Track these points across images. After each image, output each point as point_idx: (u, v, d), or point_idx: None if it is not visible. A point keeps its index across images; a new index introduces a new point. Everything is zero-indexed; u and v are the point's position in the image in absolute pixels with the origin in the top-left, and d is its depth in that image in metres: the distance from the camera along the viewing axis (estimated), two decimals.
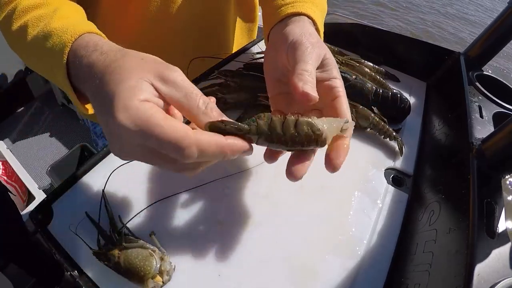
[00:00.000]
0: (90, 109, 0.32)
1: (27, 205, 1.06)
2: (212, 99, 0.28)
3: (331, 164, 0.28)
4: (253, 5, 0.64)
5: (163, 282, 0.30)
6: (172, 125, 0.22)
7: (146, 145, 0.23)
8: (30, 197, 1.07)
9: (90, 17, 0.36)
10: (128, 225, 0.34)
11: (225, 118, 0.25)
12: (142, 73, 0.24)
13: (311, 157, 0.29)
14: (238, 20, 0.65)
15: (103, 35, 0.31)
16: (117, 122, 0.22)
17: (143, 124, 0.22)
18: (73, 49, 0.28)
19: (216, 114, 0.25)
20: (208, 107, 0.25)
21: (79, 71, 0.28)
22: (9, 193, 0.39)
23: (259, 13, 0.68)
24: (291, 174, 0.28)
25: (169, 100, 0.24)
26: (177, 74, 0.25)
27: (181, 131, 0.22)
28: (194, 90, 0.25)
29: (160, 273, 0.30)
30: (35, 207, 0.35)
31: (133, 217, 0.35)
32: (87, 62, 0.26)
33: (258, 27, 0.69)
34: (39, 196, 1.01)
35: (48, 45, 0.30)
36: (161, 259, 0.31)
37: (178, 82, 0.24)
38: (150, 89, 0.24)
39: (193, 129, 0.24)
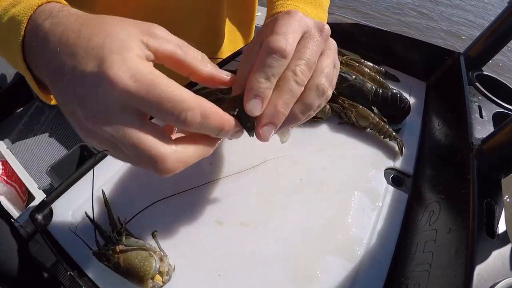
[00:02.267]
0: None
1: (27, 205, 1.06)
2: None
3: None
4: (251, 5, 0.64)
5: (163, 282, 0.30)
6: (177, 85, 0.20)
7: (136, 108, 0.20)
8: (30, 197, 1.07)
9: (88, 7, 0.35)
10: (128, 225, 0.34)
11: (219, 69, 0.25)
12: (128, 27, 0.22)
13: None
14: (235, 22, 0.65)
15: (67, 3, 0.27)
16: (112, 79, 0.19)
17: (145, 79, 0.19)
18: (33, 18, 0.24)
19: (211, 65, 0.24)
20: (205, 58, 0.23)
21: (43, 42, 0.22)
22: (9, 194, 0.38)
23: (258, 13, 0.68)
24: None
25: (161, 54, 0.22)
26: (162, 29, 0.23)
27: (186, 91, 0.20)
28: (184, 42, 0.23)
29: (160, 273, 0.30)
30: (35, 207, 0.35)
31: (133, 217, 0.35)
32: (53, 24, 0.22)
33: (256, 26, 0.70)
34: (39, 196, 1.01)
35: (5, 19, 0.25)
36: (161, 259, 0.31)
37: (166, 36, 0.23)
38: (140, 44, 0.21)
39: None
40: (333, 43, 0.29)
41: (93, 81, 0.20)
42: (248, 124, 0.25)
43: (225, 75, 0.25)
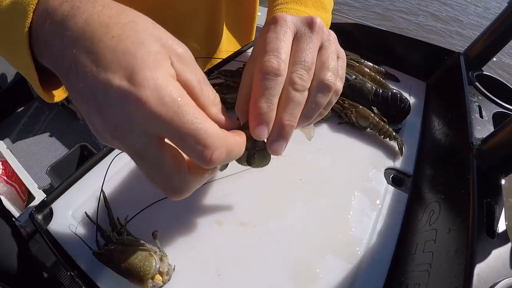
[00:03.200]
0: (57, 95, 0.27)
1: (27, 205, 1.06)
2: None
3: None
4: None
5: (163, 282, 0.30)
6: (202, 117, 0.19)
7: (157, 132, 0.19)
8: (30, 197, 1.07)
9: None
10: (128, 225, 0.34)
11: (226, 116, 0.24)
12: (162, 38, 0.20)
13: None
14: (235, 21, 0.65)
15: None
16: (138, 97, 0.17)
17: (173, 105, 0.18)
18: (42, 2, 0.21)
19: (222, 109, 0.23)
20: (217, 99, 0.22)
21: (61, 26, 0.20)
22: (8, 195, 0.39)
23: (259, 13, 0.68)
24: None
25: (181, 80, 0.20)
26: (189, 53, 0.21)
27: (210, 124, 0.19)
28: (205, 77, 0.22)
29: (160, 273, 0.30)
30: (35, 207, 0.35)
31: (133, 217, 0.35)
32: (74, 8, 0.20)
33: (257, 27, 0.69)
34: (39, 196, 1.01)
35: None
36: (161, 259, 0.31)
37: (191, 63, 0.21)
38: (169, 62, 0.20)
39: None
40: (331, 34, 0.28)
41: (118, 94, 0.18)
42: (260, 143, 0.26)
43: (230, 124, 0.23)
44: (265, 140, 0.25)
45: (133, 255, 0.30)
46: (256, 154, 0.27)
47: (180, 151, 0.20)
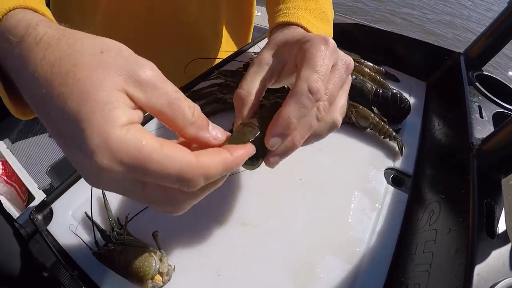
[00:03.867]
0: (29, 113, 0.25)
1: (27, 205, 1.06)
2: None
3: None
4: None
5: (163, 282, 0.30)
6: (170, 156, 0.18)
7: (138, 178, 0.18)
8: (30, 197, 1.07)
9: (91, 12, 0.33)
10: (128, 225, 0.34)
11: (210, 123, 0.22)
12: (109, 76, 0.18)
13: None
14: (233, 22, 0.65)
15: (43, 9, 0.22)
16: (98, 165, 0.17)
17: (134, 162, 0.17)
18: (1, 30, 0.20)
19: (203, 121, 0.21)
20: (195, 114, 0.21)
21: (11, 63, 0.19)
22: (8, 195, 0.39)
23: (258, 13, 0.68)
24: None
25: (148, 109, 0.19)
26: (152, 73, 0.19)
27: (182, 160, 0.18)
28: (176, 94, 0.20)
29: (160, 273, 0.30)
30: (35, 207, 0.35)
31: (133, 217, 0.35)
32: (19, 54, 0.18)
33: (254, 26, 0.69)
34: (39, 196, 1.01)
35: None
36: (161, 260, 0.31)
37: (156, 85, 0.19)
38: (126, 100, 0.18)
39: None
40: (349, 80, 0.30)
41: (80, 161, 0.18)
42: (259, 152, 0.25)
43: (212, 139, 0.22)
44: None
45: (133, 255, 0.30)
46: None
47: None
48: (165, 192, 0.20)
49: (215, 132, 0.22)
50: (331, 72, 0.26)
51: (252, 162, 0.25)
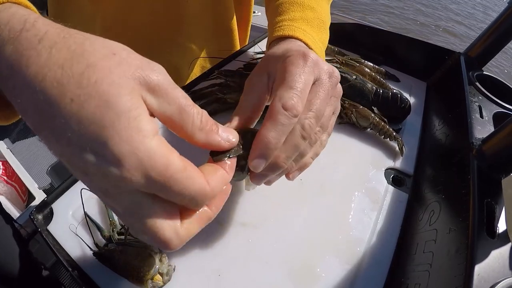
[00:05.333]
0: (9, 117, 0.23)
1: (27, 205, 1.06)
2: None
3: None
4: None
5: (163, 282, 0.30)
6: (191, 177, 0.18)
7: (150, 193, 0.18)
8: (30, 197, 1.07)
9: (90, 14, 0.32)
10: None
11: (220, 126, 0.22)
12: (127, 80, 0.17)
13: None
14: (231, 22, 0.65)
15: (34, 8, 0.20)
16: (121, 174, 0.16)
17: (159, 178, 0.17)
18: None
19: (212, 126, 0.21)
20: (203, 120, 0.20)
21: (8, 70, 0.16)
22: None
23: (259, 13, 0.68)
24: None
25: (159, 116, 0.19)
26: (163, 77, 0.18)
27: (200, 183, 0.19)
28: (186, 101, 0.19)
29: (160, 274, 0.30)
30: (35, 207, 0.35)
31: None
32: (13, 52, 0.16)
33: (254, 25, 0.69)
34: (39, 196, 1.01)
35: None
36: (160, 260, 0.31)
37: (168, 90, 0.18)
38: (145, 106, 0.17)
39: None
40: (338, 90, 0.29)
41: (99, 171, 0.16)
42: (243, 167, 0.25)
43: (223, 142, 0.22)
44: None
45: (133, 255, 0.30)
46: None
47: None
48: (168, 215, 0.19)
49: (226, 135, 0.22)
50: (314, 86, 0.26)
51: (237, 174, 0.25)
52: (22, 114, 0.17)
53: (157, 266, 0.30)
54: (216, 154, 0.22)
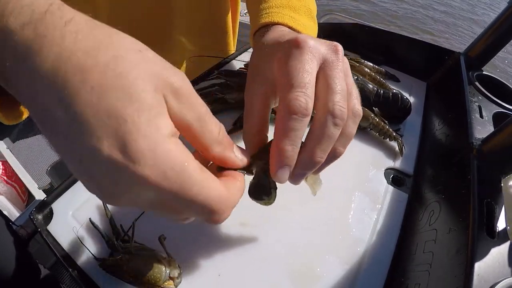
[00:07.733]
0: (18, 115, 0.22)
1: (27, 205, 1.06)
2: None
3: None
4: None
5: (175, 286, 0.30)
6: (209, 184, 0.17)
7: (162, 199, 0.17)
8: (30, 197, 1.07)
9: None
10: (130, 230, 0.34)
11: (234, 144, 0.22)
12: (151, 76, 0.16)
13: None
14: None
15: None
16: (135, 173, 0.15)
17: (177, 179, 0.16)
18: None
19: (229, 141, 0.21)
20: (221, 133, 0.20)
21: (14, 43, 0.15)
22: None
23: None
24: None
25: (177, 120, 0.18)
26: (186, 82, 0.18)
27: (217, 190, 0.18)
28: (206, 109, 0.19)
29: (171, 278, 0.30)
30: (35, 207, 0.35)
31: (135, 221, 0.35)
32: (33, 33, 0.15)
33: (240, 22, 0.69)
34: (39, 196, 1.01)
35: None
36: (169, 264, 0.30)
37: (190, 95, 0.18)
38: (166, 107, 0.17)
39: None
40: (345, 60, 0.25)
41: (112, 167, 0.15)
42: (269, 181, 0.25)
43: (238, 160, 0.22)
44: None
45: (141, 263, 0.29)
46: (271, 190, 0.26)
47: None
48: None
49: (239, 154, 0.22)
50: (323, 70, 0.23)
51: (265, 197, 0.26)
52: (29, 101, 0.16)
53: (167, 271, 0.29)
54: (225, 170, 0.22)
